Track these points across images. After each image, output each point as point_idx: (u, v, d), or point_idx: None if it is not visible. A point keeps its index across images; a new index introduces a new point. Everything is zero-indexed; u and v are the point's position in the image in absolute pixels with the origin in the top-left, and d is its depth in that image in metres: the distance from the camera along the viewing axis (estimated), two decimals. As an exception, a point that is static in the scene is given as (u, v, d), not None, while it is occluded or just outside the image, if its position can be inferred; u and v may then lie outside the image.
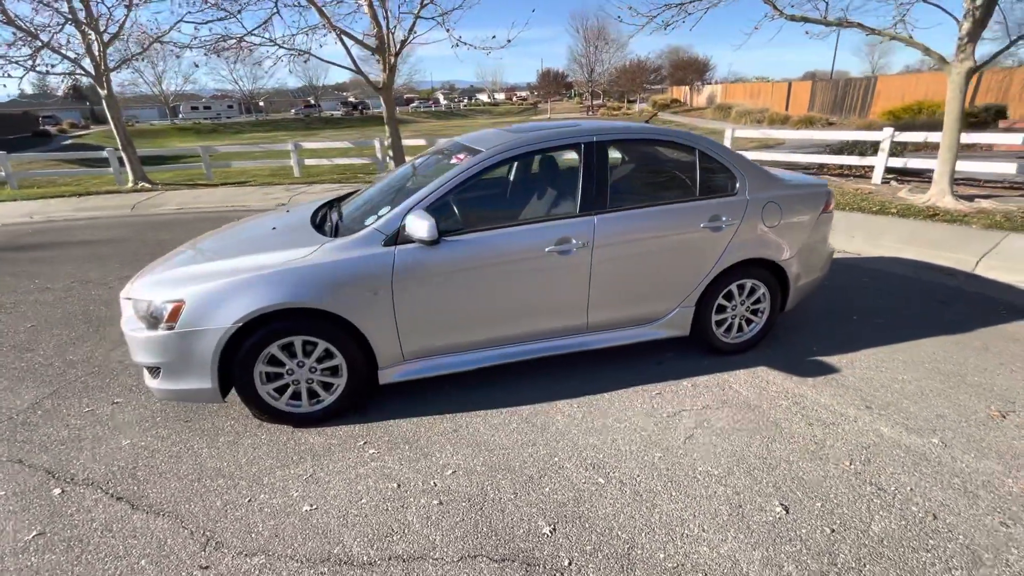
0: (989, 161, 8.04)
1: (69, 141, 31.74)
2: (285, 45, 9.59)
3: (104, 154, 11.56)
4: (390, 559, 1.93)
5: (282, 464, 2.45)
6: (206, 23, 9.93)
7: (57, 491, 2.29)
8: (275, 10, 9.00)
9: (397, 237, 2.58)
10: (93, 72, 10.31)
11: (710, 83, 37.18)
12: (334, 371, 2.68)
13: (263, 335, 2.47)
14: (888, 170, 8.51)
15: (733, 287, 3.19)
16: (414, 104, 64.06)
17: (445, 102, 76.80)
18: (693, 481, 2.29)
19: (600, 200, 2.85)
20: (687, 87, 39.00)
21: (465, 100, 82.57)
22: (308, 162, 12.44)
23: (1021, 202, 6.80)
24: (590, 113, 36.47)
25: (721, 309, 3.24)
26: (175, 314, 2.41)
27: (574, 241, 2.78)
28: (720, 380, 3.09)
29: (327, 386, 2.71)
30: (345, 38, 9.31)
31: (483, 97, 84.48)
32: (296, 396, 2.68)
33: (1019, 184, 7.91)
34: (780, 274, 3.26)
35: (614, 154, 2.92)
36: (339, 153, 13.46)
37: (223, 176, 12.21)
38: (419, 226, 2.42)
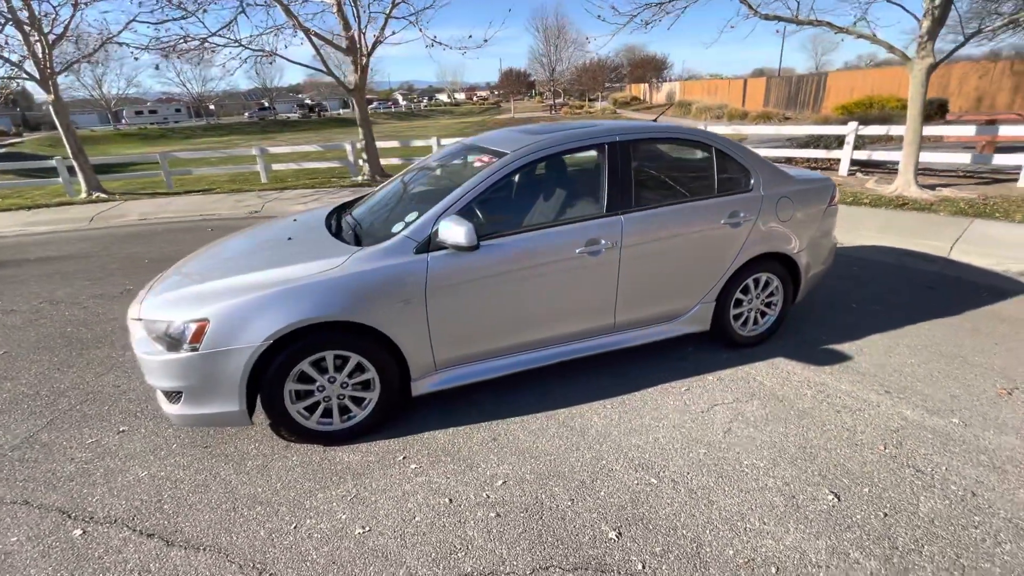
0: (945, 152, 8.55)
1: (2, 150, 29.55)
2: (251, 46, 9.22)
3: (52, 163, 10.81)
4: None
5: (321, 486, 2.33)
6: (162, 23, 9.43)
7: (78, 532, 2.11)
8: (241, 9, 8.63)
9: (429, 244, 2.50)
10: (38, 75, 9.63)
11: (668, 81, 38.11)
12: (365, 385, 2.58)
13: (293, 351, 2.35)
14: (853, 162, 8.92)
15: (749, 281, 3.26)
16: (372, 105, 62.95)
17: (404, 103, 75.85)
18: (742, 475, 2.32)
19: (625, 199, 2.86)
20: (646, 85, 39.85)
21: (424, 101, 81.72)
22: (276, 167, 12.01)
23: (978, 189, 7.26)
24: (553, 112, 36.73)
25: (738, 303, 3.30)
26: (199, 334, 2.25)
27: (603, 241, 2.77)
28: (743, 373, 3.15)
29: (358, 401, 2.61)
30: (314, 38, 9.04)
31: (443, 97, 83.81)
32: (327, 413, 2.56)
33: (972, 172, 8.43)
34: (792, 267, 3.36)
35: (636, 153, 2.92)
36: (302, 156, 13.02)
37: (182, 184, 11.63)
38: (456, 232, 2.35)
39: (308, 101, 59.14)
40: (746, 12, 7.17)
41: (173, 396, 2.40)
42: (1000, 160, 7.43)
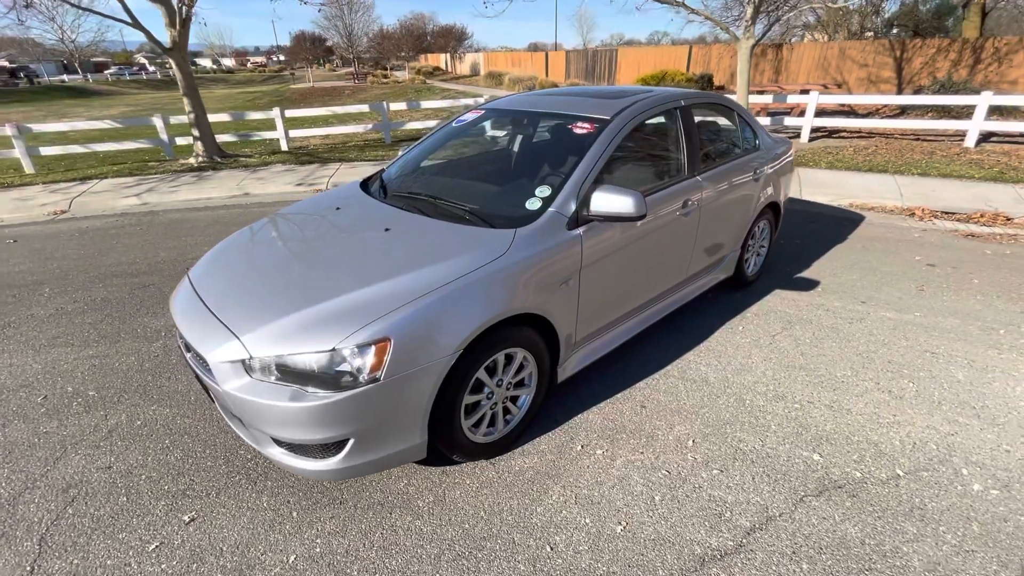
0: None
1: None
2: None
3: None
4: (748, 534, 1.92)
5: (531, 500, 2.08)
6: None
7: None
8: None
9: (578, 218, 2.32)
10: None
11: (472, 51, 38.68)
12: (519, 383, 2.33)
13: (475, 357, 1.99)
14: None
15: (756, 228, 3.79)
16: (111, 70, 50.13)
17: (152, 68, 62.18)
18: (843, 382, 2.80)
19: (697, 161, 3.04)
20: (447, 55, 39.83)
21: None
22: (47, 151, 8.91)
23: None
24: (357, 81, 34.22)
25: (746, 248, 3.82)
26: (380, 360, 1.75)
27: (691, 202, 2.92)
28: (767, 307, 3.69)
29: (514, 400, 2.34)
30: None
31: (205, 63, 70.91)
32: (491, 422, 2.25)
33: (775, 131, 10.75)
34: (777, 211, 4.00)
35: (696, 116, 3.10)
36: (81, 136, 9.96)
37: None
38: (621, 202, 2.22)
39: (5, 63, 43.93)
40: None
41: (331, 448, 1.83)
42: (789, 122, 9.67)
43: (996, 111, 9.94)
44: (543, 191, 2.40)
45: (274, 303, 1.93)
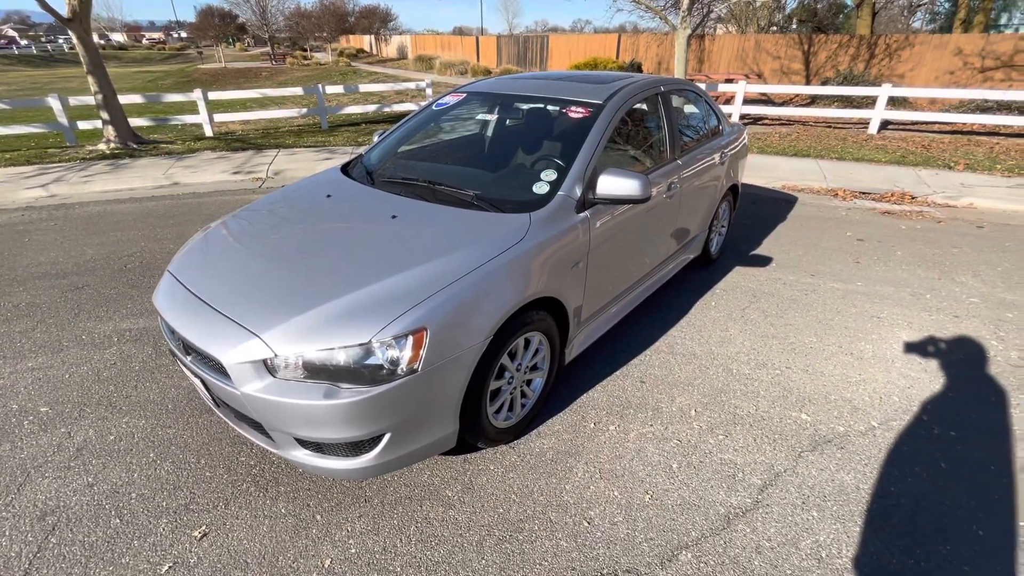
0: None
1: None
2: None
3: None
4: (761, 491, 2.07)
5: (558, 479, 2.12)
6: None
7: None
8: None
9: (584, 200, 2.36)
10: None
11: (399, 33, 37.27)
12: (534, 367, 2.35)
13: (501, 343, 1.98)
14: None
15: (719, 209, 4.02)
16: (-29, 43, 43.45)
17: (25, 42, 54.71)
18: (812, 348, 3.07)
19: (678, 145, 3.17)
20: (371, 37, 38.14)
21: (58, 41, 59.92)
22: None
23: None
24: (275, 62, 31.98)
25: (711, 228, 4.05)
26: (418, 350, 1.70)
27: (674, 183, 3.05)
28: (730, 283, 3.94)
29: (528, 384, 2.36)
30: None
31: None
32: (510, 407, 2.25)
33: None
34: (736, 193, 4.26)
35: (675, 101, 3.22)
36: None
37: None
38: (628, 185, 2.28)
39: None
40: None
41: (365, 445, 1.76)
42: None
43: (891, 101, 11.12)
44: (549, 175, 2.41)
45: (290, 297, 1.81)
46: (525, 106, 2.98)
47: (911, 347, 3.10)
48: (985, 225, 5.31)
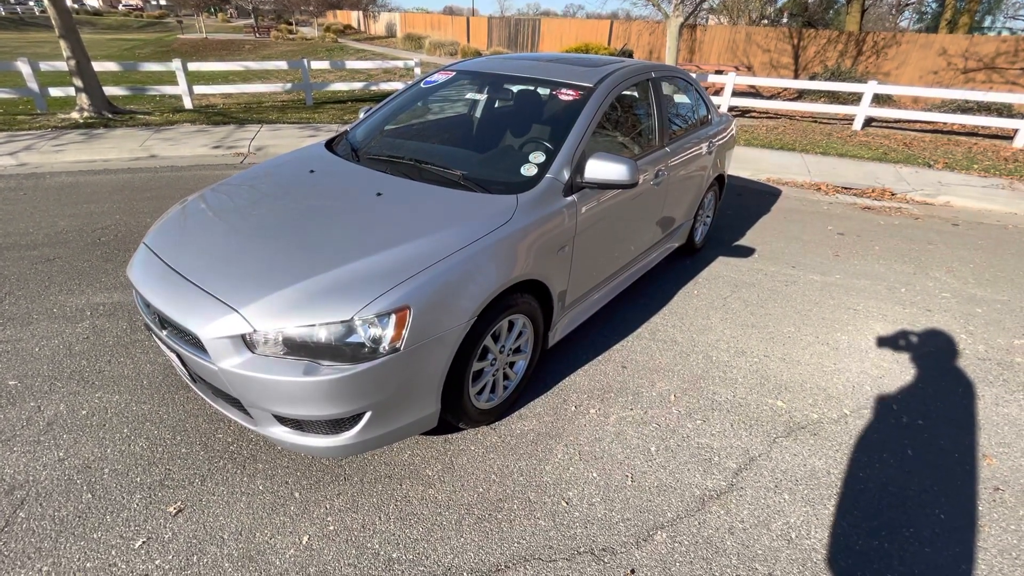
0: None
1: None
2: None
3: None
4: (736, 474, 2.12)
5: (539, 460, 2.14)
6: None
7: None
8: None
9: (571, 184, 2.34)
10: None
11: (387, 11, 36.37)
12: (517, 349, 2.35)
13: (484, 324, 1.98)
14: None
15: (705, 199, 4.05)
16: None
17: (-7, 3, 52.11)
18: (790, 337, 3.13)
19: (666, 132, 3.16)
20: (359, 13, 37.16)
21: (28, 3, 57.15)
22: None
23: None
24: (259, 35, 31.03)
25: (696, 217, 4.07)
26: (400, 328, 1.68)
27: (662, 171, 3.05)
28: (713, 273, 3.98)
29: (511, 366, 2.36)
30: None
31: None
32: (492, 388, 2.26)
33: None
34: (722, 183, 4.28)
35: (665, 88, 3.20)
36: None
37: None
38: (615, 169, 2.27)
39: None
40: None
41: (344, 423, 1.75)
42: (708, 100, 10.25)
43: (876, 98, 11.25)
44: (537, 157, 2.39)
45: (270, 272, 1.77)
46: (515, 87, 2.94)
47: (884, 339, 3.18)
48: (960, 223, 5.44)
